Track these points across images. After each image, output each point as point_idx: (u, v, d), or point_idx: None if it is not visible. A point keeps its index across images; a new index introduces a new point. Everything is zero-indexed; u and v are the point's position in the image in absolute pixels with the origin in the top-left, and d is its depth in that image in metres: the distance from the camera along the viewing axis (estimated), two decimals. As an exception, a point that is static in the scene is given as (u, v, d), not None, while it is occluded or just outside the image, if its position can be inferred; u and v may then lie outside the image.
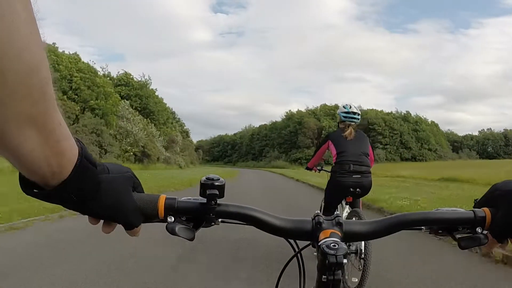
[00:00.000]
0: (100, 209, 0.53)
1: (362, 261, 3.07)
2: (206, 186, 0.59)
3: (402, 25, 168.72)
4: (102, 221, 0.56)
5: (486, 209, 0.65)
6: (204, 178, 0.60)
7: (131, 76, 42.47)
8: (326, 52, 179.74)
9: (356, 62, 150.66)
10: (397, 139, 65.76)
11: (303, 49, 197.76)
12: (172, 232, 0.59)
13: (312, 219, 0.65)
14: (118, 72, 43.27)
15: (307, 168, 4.40)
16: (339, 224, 0.63)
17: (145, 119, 36.48)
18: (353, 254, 3.16)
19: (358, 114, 3.91)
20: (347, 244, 2.87)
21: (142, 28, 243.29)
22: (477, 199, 0.68)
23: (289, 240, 0.69)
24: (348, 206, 3.79)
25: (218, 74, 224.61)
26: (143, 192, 0.61)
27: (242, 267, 3.95)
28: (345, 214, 3.70)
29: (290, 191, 14.46)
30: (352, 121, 3.87)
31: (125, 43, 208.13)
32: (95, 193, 0.51)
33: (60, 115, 0.42)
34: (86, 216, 0.55)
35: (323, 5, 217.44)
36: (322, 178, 5.31)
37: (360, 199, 3.85)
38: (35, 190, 0.47)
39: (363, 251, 3.06)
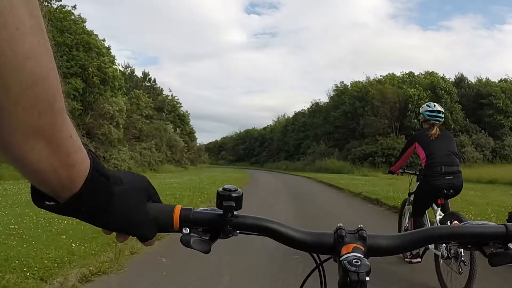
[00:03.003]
0: (113, 222, 0.52)
1: (464, 266, 2.97)
2: (222, 198, 0.57)
3: (435, 22, 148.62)
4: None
5: None
6: (221, 188, 0.58)
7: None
8: (358, 51, 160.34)
9: (389, 61, 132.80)
10: (528, 118, 39.74)
11: (336, 49, 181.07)
12: (186, 244, 0.57)
13: (334, 232, 0.61)
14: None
15: (390, 172, 4.45)
16: (362, 238, 0.60)
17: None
18: (453, 258, 3.12)
19: (443, 113, 3.92)
20: (448, 248, 3.06)
21: (176, 31, 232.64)
22: (511, 212, 0.59)
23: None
24: (439, 209, 3.78)
25: (252, 75, 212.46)
26: (160, 202, 0.59)
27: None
28: (438, 217, 3.70)
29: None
30: (436, 120, 3.86)
31: (159, 46, 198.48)
32: (107, 206, 0.49)
33: (71, 127, 0.41)
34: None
35: (355, 4, 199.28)
36: None
37: (448, 200, 3.85)
38: (46, 203, 0.46)
39: (463, 255, 2.99)
